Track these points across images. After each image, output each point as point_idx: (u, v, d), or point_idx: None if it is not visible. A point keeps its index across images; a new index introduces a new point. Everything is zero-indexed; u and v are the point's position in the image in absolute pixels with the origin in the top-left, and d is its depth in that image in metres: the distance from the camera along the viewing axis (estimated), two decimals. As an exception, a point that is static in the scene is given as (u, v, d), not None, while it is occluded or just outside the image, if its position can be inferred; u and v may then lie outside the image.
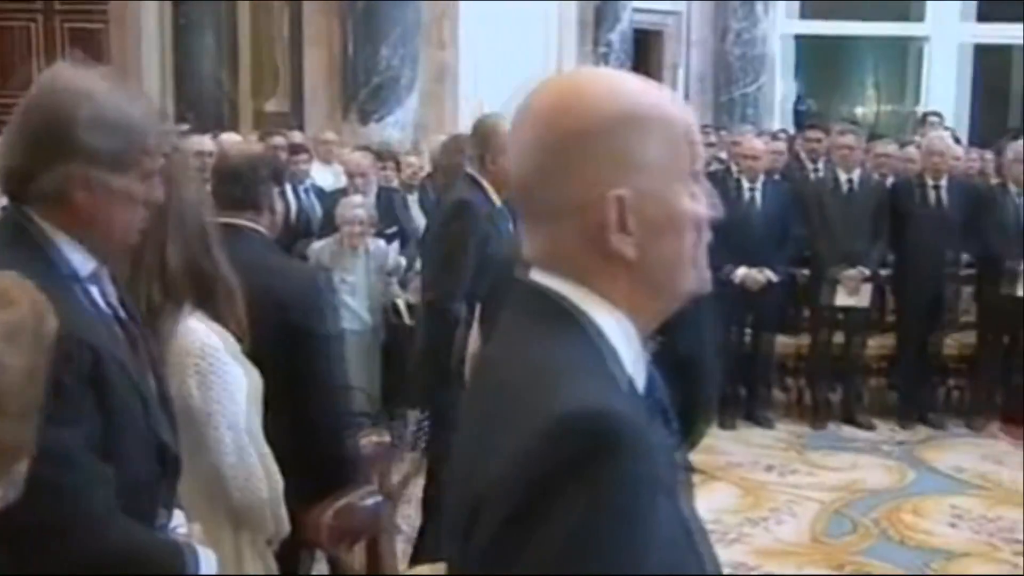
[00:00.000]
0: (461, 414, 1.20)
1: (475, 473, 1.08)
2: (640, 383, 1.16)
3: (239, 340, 2.23)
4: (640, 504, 1.00)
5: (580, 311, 1.13)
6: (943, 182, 6.38)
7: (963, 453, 5.90)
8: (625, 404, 1.05)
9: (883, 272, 6.48)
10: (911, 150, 7.06)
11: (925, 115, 9.95)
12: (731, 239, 5.27)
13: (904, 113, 12.47)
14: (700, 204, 1.18)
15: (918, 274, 6.32)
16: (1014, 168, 6.41)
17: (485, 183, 3.70)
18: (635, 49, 10.51)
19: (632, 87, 1.16)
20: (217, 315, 2.20)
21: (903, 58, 12.88)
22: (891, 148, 7.12)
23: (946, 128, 8.74)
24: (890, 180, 6.72)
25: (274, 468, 2.25)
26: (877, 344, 6.57)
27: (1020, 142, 6.67)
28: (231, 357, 2.19)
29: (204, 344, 2.14)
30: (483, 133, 3.78)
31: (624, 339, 1.14)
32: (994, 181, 6.86)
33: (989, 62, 12.01)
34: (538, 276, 1.16)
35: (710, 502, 4.74)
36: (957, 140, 8.43)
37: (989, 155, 7.55)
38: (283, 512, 2.26)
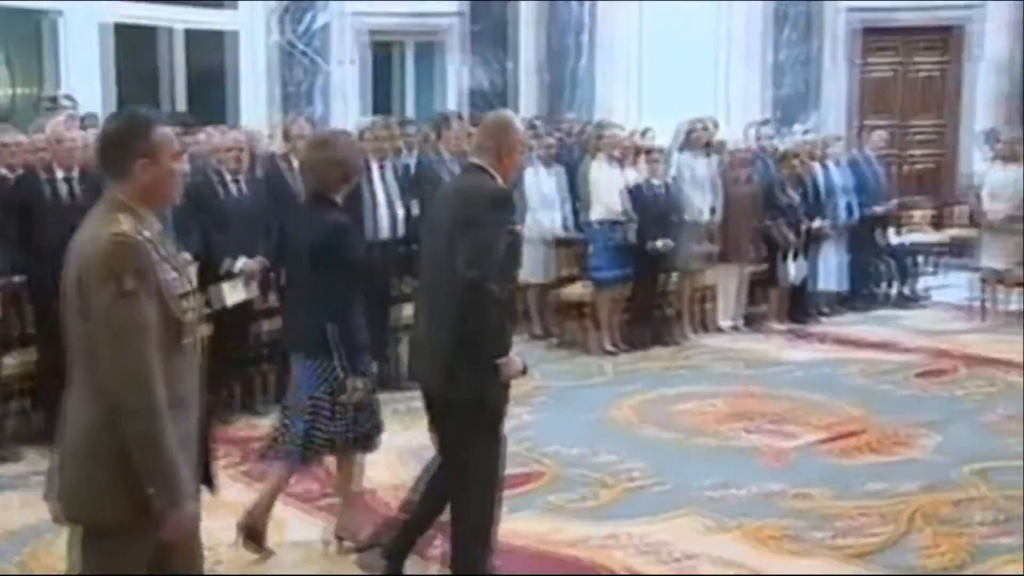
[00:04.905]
0: None
1: None
2: None
3: None
4: None
5: None
6: (75, 173, 5.82)
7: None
8: None
9: (16, 279, 5.71)
10: (37, 138, 6.34)
11: (42, 99, 9.36)
12: None
13: (45, 97, 11.66)
14: None
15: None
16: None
17: (496, 174, 3.86)
18: None
19: None
20: None
21: (38, 36, 12.01)
22: (15, 138, 6.34)
23: (81, 115, 8.18)
24: (19, 172, 5.99)
25: None
26: (19, 361, 5.79)
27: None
28: None
29: None
30: (497, 127, 3.97)
31: None
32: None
33: (132, 42, 11.73)
34: None
35: None
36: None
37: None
38: None
